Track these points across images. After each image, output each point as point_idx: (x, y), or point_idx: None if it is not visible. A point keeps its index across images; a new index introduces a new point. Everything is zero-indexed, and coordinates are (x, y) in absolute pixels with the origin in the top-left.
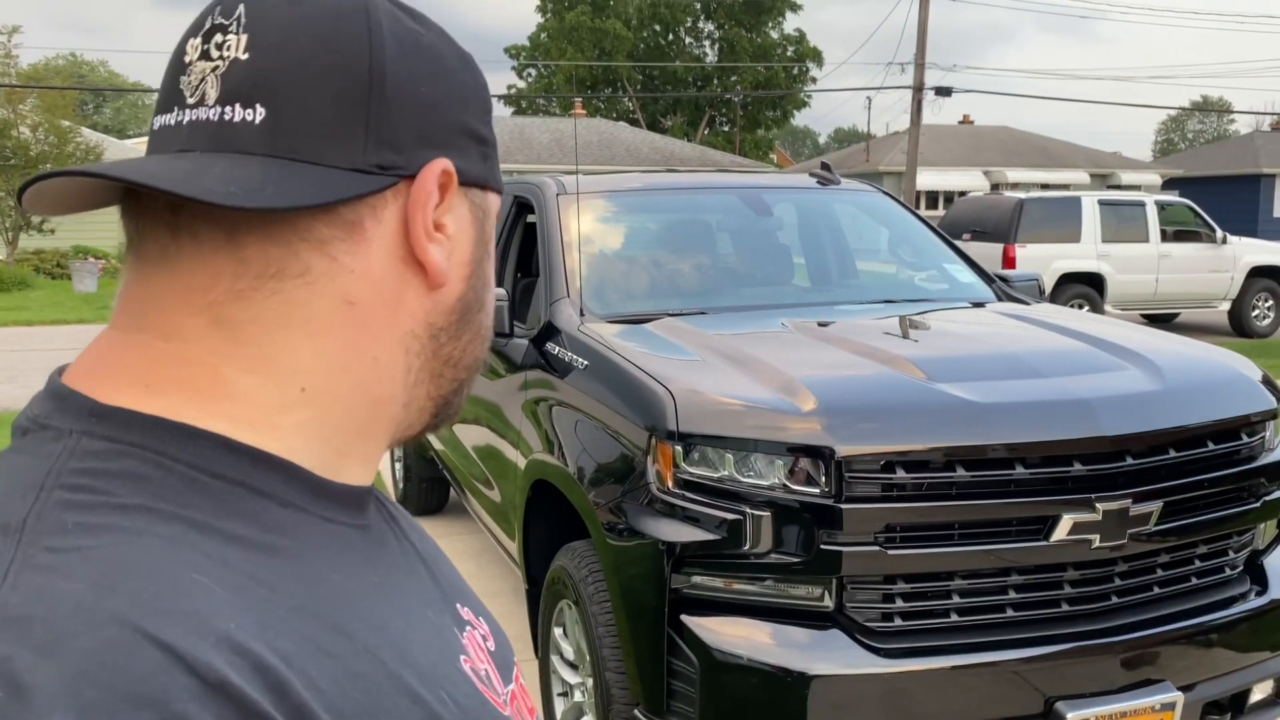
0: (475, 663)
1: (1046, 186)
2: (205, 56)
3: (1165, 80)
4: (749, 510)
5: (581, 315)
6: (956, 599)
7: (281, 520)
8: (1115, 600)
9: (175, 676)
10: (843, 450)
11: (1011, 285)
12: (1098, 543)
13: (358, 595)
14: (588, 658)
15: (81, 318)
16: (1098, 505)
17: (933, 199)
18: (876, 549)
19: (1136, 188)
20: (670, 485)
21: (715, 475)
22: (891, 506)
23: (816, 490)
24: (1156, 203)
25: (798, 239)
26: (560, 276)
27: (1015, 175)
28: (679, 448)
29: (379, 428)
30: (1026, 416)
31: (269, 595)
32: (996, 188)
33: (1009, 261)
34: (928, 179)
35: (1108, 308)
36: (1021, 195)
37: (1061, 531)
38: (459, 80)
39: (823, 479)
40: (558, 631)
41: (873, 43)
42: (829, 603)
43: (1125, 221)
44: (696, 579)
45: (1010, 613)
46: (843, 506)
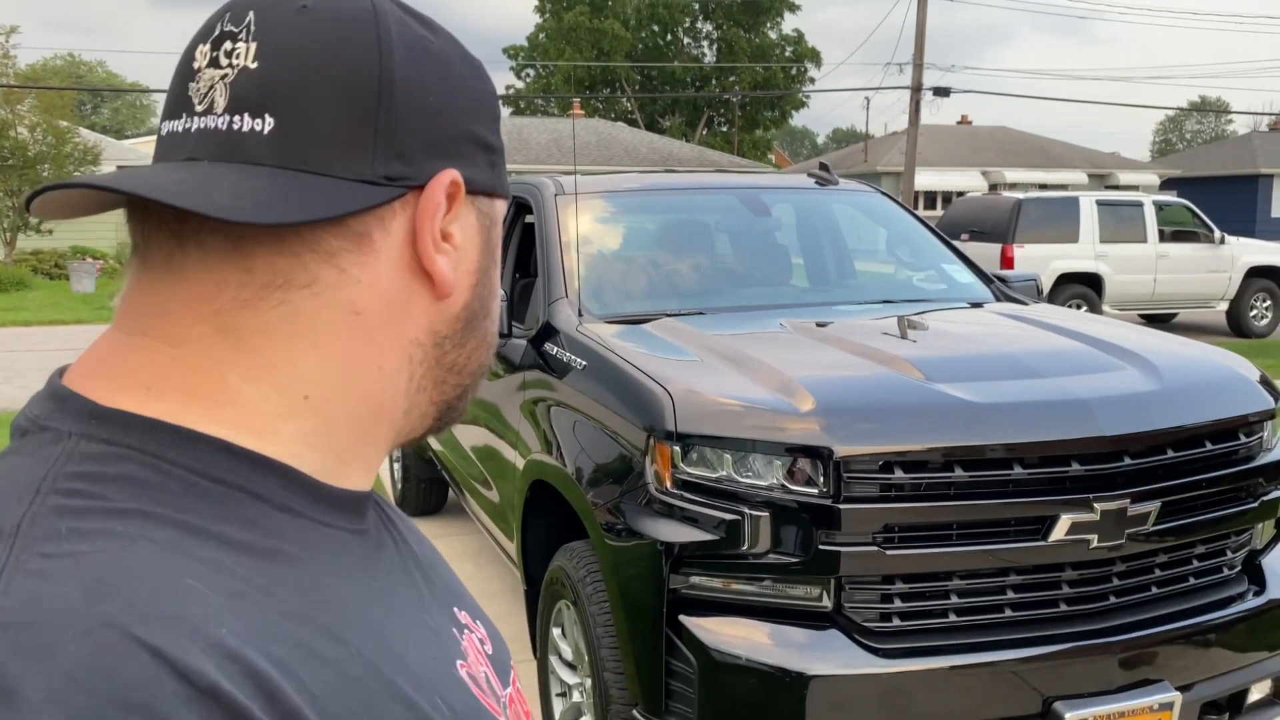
0: (473, 667)
1: (1044, 187)
2: (214, 64)
3: (1163, 80)
4: (747, 510)
5: (580, 316)
6: (955, 599)
7: (279, 525)
8: (1113, 600)
9: (165, 682)
10: (841, 450)
11: (1009, 285)
12: (1096, 543)
13: (354, 601)
14: (586, 658)
15: (79, 318)
16: (1096, 505)
17: (931, 199)
18: (875, 549)
19: (1134, 188)
20: (669, 485)
21: (713, 475)
22: (890, 507)
23: (815, 490)
24: (1154, 203)
25: (796, 239)
26: (559, 277)
27: (1013, 175)
28: (677, 448)
29: (380, 434)
30: (1025, 416)
31: (263, 600)
32: (995, 188)
33: (1007, 262)
34: (926, 179)
35: (1106, 308)
36: (1019, 195)
37: (1060, 531)
38: (468, 88)
39: (821, 479)
40: (556, 632)
41: (871, 43)
42: (827, 603)
43: (1123, 222)
44: (695, 579)
45: (1008, 613)
46: (841, 507)
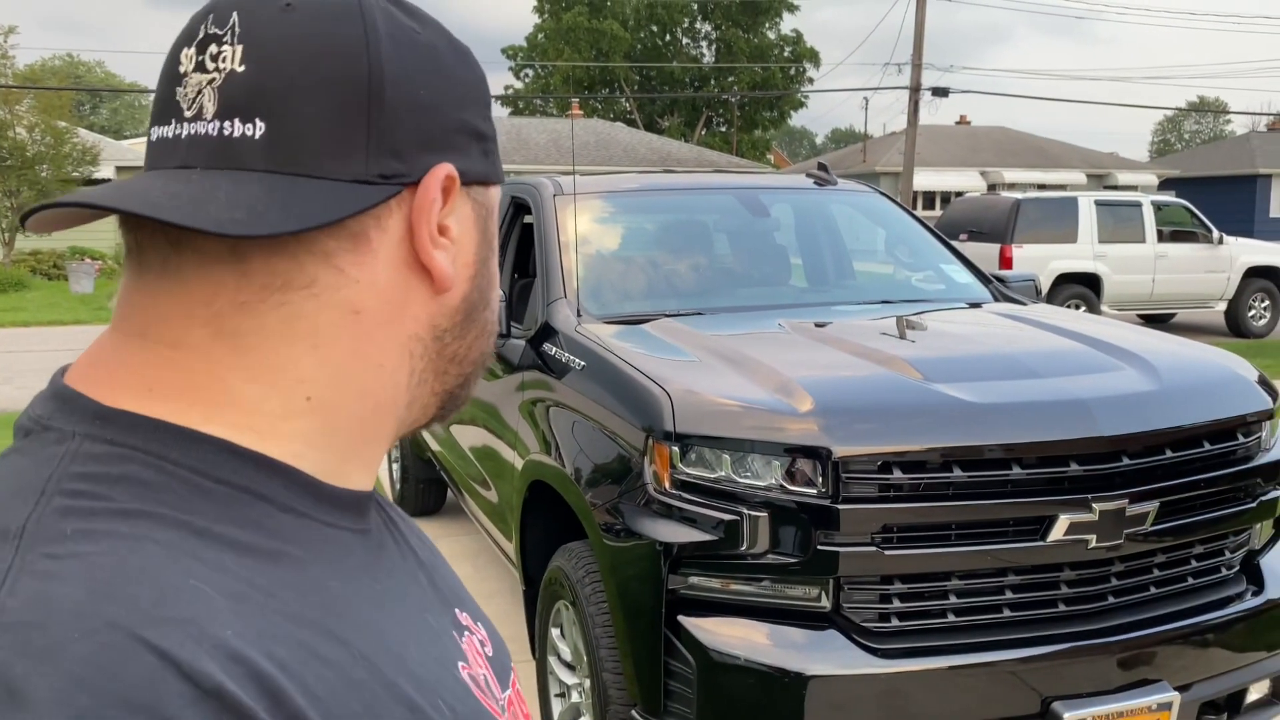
0: (473, 669)
1: (1043, 187)
2: (201, 68)
3: (1162, 81)
4: (746, 511)
5: (578, 316)
6: (953, 599)
7: (282, 526)
8: (1112, 600)
9: (170, 683)
10: (839, 451)
11: (1008, 285)
12: (1094, 543)
13: (356, 602)
14: (585, 658)
15: (78, 319)
16: (1094, 505)
17: (929, 199)
18: (873, 549)
19: (1133, 188)
20: (667, 486)
21: (712, 476)
22: (888, 507)
23: (813, 491)
24: (1153, 203)
25: (794, 239)
26: (557, 277)
27: (1012, 175)
28: (676, 448)
29: (382, 431)
30: (1023, 417)
31: (267, 602)
32: (993, 188)
33: (1006, 262)
34: (924, 179)
35: (1104, 308)
36: (1018, 195)
37: (1058, 532)
38: (458, 78)
39: (819, 479)
40: (555, 632)
41: (869, 43)
42: (826, 603)
43: (1122, 222)
44: (694, 579)
45: (1007, 613)
46: (839, 507)
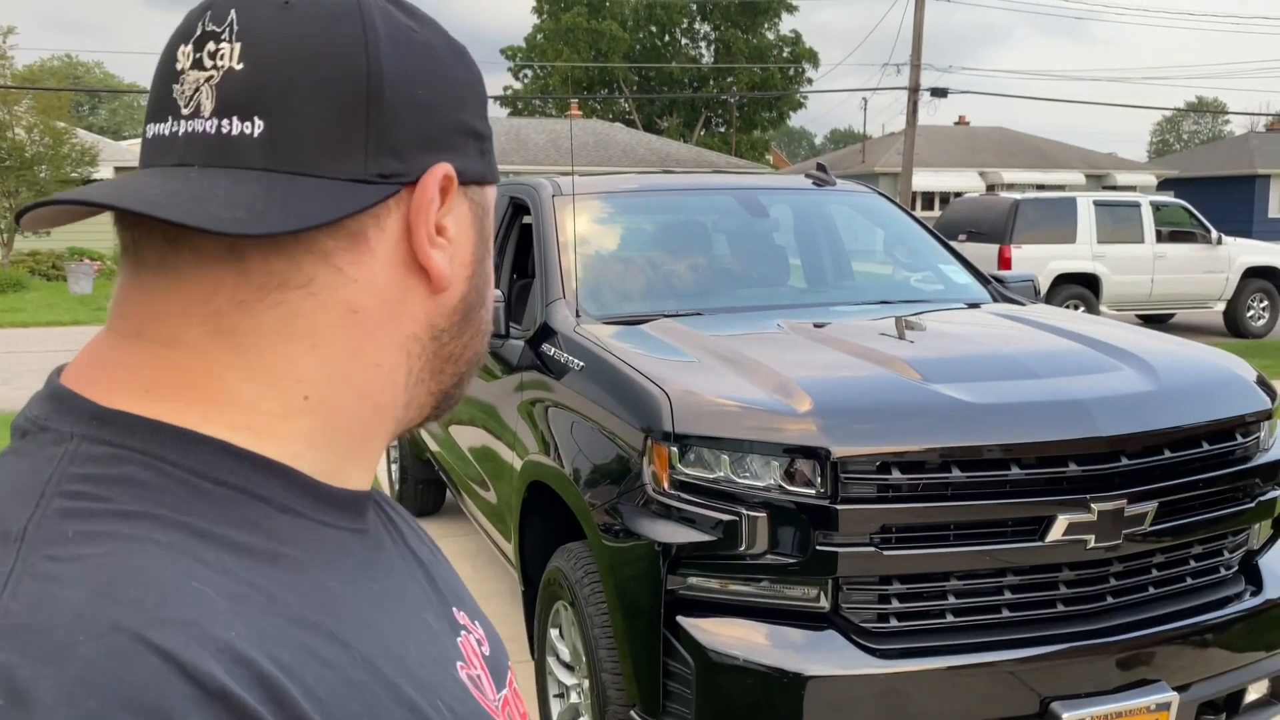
0: (470, 668)
1: (1042, 187)
2: (198, 65)
3: (1160, 81)
4: (745, 511)
5: (577, 316)
6: (952, 599)
7: (281, 527)
8: (1110, 600)
9: (176, 685)
10: (838, 451)
11: (1007, 286)
12: (1093, 543)
13: (356, 603)
14: (584, 659)
15: (77, 319)
16: (1093, 506)
17: (928, 200)
18: (872, 550)
19: (1132, 188)
20: (666, 486)
21: (711, 476)
22: (887, 507)
23: (812, 491)
24: (1152, 203)
25: (793, 240)
26: (556, 278)
27: (1011, 176)
28: (675, 449)
29: (380, 430)
30: (1022, 417)
31: (268, 604)
32: (992, 188)
33: (1004, 262)
34: (923, 180)
35: (1103, 308)
36: (1017, 196)
37: (1057, 532)
38: (455, 78)
39: (818, 480)
40: (554, 633)
41: (868, 44)
42: (825, 603)
43: (1120, 222)
44: (692, 580)
45: (1006, 613)
46: (838, 507)
